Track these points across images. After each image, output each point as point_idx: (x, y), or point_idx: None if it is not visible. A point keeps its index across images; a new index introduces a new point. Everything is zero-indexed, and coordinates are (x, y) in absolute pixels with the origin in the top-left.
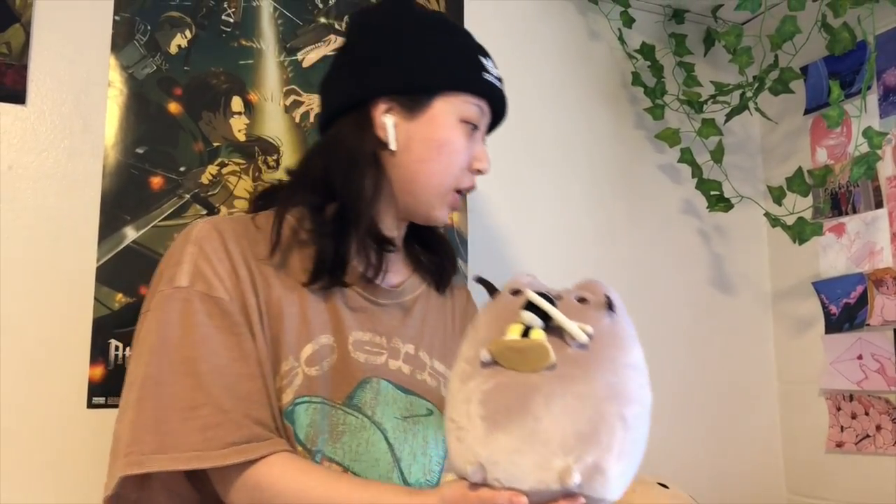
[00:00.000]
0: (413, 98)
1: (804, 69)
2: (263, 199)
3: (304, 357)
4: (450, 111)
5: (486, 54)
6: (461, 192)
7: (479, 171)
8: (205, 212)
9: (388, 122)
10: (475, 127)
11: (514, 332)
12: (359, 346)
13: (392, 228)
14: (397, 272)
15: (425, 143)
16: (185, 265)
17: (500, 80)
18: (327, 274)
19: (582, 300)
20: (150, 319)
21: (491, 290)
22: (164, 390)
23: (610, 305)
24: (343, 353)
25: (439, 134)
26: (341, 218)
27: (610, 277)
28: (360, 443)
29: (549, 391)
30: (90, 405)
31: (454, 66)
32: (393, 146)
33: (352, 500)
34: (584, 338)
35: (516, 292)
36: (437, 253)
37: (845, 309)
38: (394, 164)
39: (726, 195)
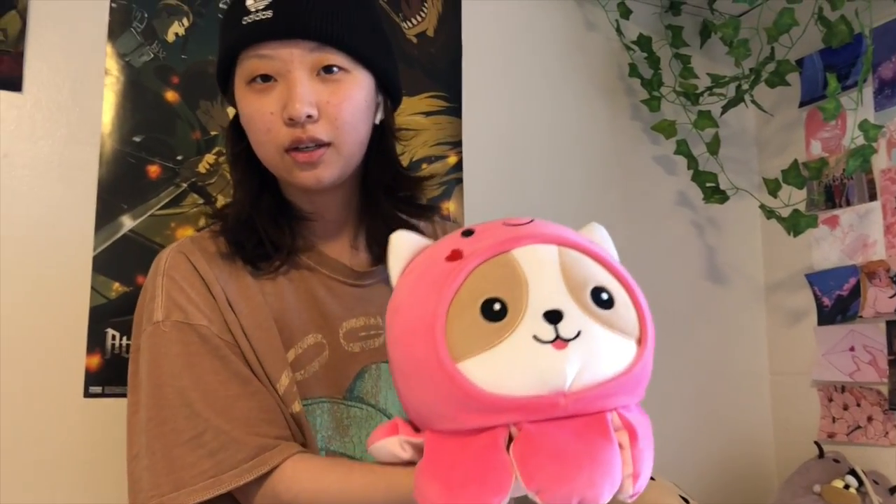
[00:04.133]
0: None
1: (800, 62)
2: None
3: (289, 362)
4: (238, 83)
5: None
6: (298, 149)
7: (291, 119)
8: (202, 201)
9: None
10: (266, 78)
11: (839, 484)
12: (352, 335)
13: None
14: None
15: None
16: (158, 298)
17: (272, 6)
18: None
19: (875, 482)
20: (139, 360)
21: None
22: (166, 428)
23: (892, 491)
24: (335, 348)
25: (242, 111)
26: None
27: None
28: (367, 433)
29: None
30: (87, 395)
31: (223, 35)
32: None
33: (367, 488)
34: None
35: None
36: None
37: (838, 301)
38: None
39: (722, 187)
